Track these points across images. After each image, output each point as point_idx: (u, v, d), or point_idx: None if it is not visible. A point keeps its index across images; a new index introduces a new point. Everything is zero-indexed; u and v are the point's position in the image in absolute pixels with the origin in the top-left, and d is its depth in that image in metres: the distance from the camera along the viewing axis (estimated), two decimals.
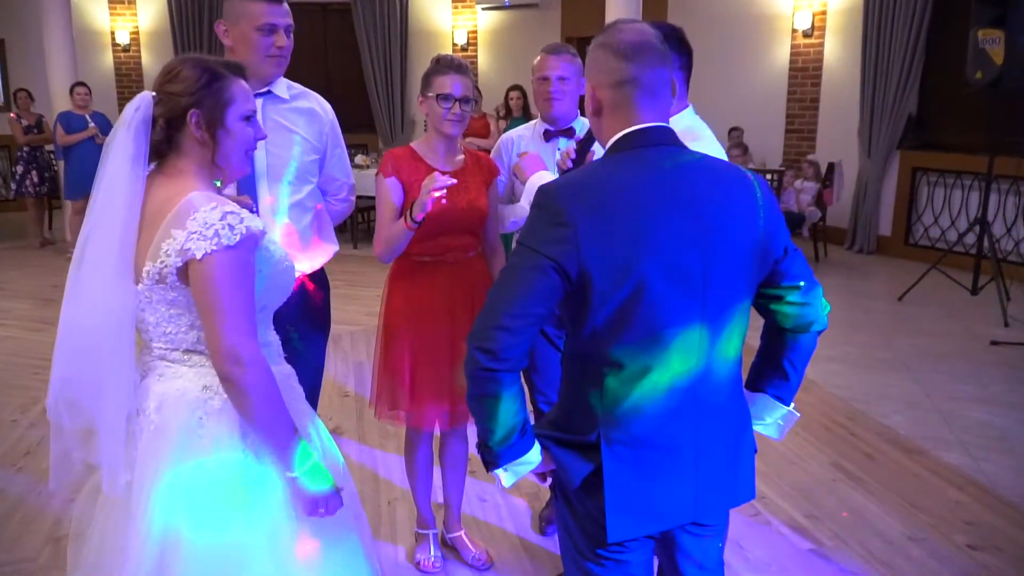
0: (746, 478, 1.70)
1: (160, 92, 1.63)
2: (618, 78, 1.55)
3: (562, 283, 1.48)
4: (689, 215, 1.50)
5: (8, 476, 3.62)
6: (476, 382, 1.51)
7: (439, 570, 2.89)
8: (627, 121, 1.56)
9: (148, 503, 1.59)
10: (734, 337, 1.61)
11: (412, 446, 2.84)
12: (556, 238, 1.46)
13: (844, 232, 8.57)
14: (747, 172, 1.62)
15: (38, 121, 8.80)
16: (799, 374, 1.77)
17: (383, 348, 2.70)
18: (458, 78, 2.52)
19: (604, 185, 1.51)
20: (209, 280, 1.54)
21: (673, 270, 1.49)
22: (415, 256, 2.62)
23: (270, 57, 2.32)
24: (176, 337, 1.67)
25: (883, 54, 7.96)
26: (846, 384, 4.73)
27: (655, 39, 1.56)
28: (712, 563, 1.76)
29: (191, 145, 1.65)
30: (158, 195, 1.63)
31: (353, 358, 5.20)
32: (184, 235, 1.54)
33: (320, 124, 2.51)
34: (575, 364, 1.61)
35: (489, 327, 1.48)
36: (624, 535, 1.58)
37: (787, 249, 1.63)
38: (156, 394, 1.67)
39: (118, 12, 10.93)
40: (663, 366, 1.53)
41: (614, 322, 1.50)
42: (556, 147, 2.83)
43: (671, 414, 1.56)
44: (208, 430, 1.63)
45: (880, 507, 3.35)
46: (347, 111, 12.17)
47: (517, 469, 1.60)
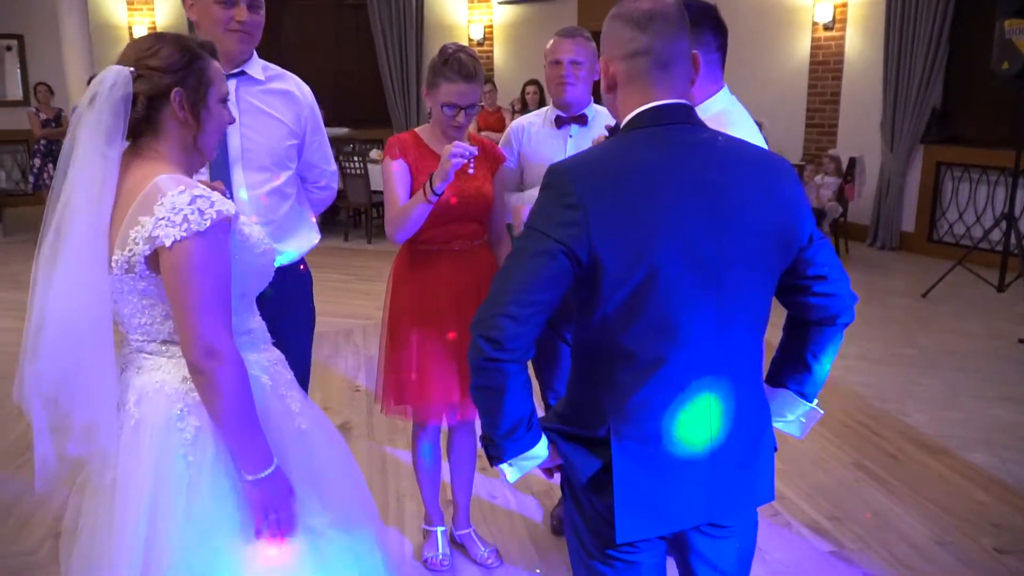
0: (765, 478, 1.61)
1: (140, 68, 1.53)
2: (631, 49, 1.46)
3: (572, 268, 1.38)
4: (706, 197, 1.41)
5: (10, 471, 3.59)
6: (480, 372, 1.43)
7: (447, 568, 2.82)
8: (642, 96, 1.47)
9: (131, 498, 1.53)
10: (753, 328, 1.51)
11: (418, 440, 2.77)
12: (566, 220, 1.37)
13: (866, 228, 8.43)
14: (772, 154, 1.53)
15: (57, 115, 8.84)
16: (823, 369, 1.66)
17: (388, 341, 2.63)
18: (466, 87, 2.42)
19: (617, 165, 1.41)
20: (179, 268, 1.46)
21: (688, 255, 1.39)
22: (420, 245, 2.54)
23: (230, 31, 2.18)
24: (151, 328, 1.59)
25: (906, 46, 7.81)
26: (868, 382, 4.61)
27: (673, 8, 1.46)
28: (728, 565, 1.66)
29: (170, 125, 1.57)
30: (130, 178, 1.54)
31: (365, 353, 5.15)
32: (152, 221, 1.46)
33: (298, 107, 2.37)
34: (584, 355, 1.52)
35: (494, 315, 1.39)
36: (634, 535, 1.49)
37: (812, 237, 1.53)
38: (136, 388, 1.60)
39: (135, 7, 10.95)
40: (676, 357, 1.44)
41: (625, 310, 1.41)
42: (568, 134, 2.74)
43: (685, 408, 1.47)
44: (190, 422, 1.56)
45: (904, 509, 3.24)
46: (362, 106, 12.31)
47: (523, 464, 1.51)
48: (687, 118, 1.48)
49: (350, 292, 6.42)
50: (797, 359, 1.66)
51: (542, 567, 2.86)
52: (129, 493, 1.54)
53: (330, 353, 5.12)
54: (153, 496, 1.53)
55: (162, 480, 1.53)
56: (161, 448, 1.54)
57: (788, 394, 1.68)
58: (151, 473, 1.53)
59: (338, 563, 1.67)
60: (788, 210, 1.48)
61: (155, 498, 1.52)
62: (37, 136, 8.76)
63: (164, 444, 1.54)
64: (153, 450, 1.54)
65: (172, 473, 1.53)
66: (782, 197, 1.48)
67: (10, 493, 3.38)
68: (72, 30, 8.82)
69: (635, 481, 1.47)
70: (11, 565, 2.88)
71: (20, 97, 10.97)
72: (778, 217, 1.47)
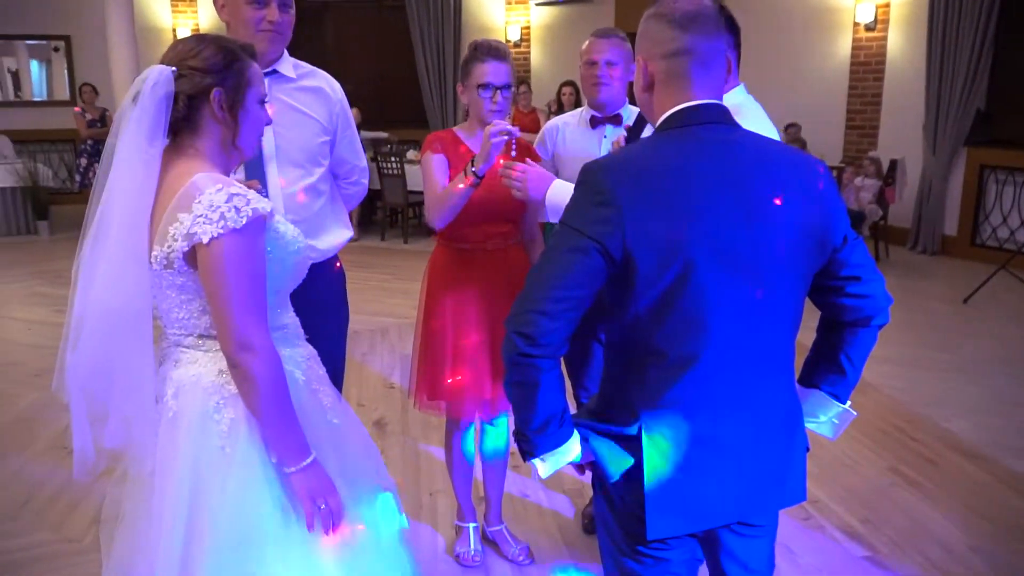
0: (797, 478, 1.60)
1: (182, 68, 1.57)
2: (672, 48, 1.47)
3: (605, 265, 1.40)
4: (739, 197, 1.41)
5: (59, 458, 3.68)
6: (514, 368, 1.45)
7: (479, 564, 2.85)
8: (679, 96, 1.48)
9: (170, 488, 1.57)
10: (785, 327, 1.51)
11: (451, 437, 2.80)
12: (600, 218, 1.39)
13: (906, 232, 8.31)
14: (806, 154, 1.53)
15: (102, 115, 9.03)
16: (857, 371, 1.65)
17: (422, 337, 2.67)
18: (497, 64, 2.46)
19: (651, 164, 1.43)
20: (216, 265, 1.49)
21: (721, 254, 1.40)
22: (455, 243, 2.58)
23: (262, 32, 2.21)
24: (188, 323, 1.63)
25: (949, 47, 7.68)
26: (906, 387, 4.55)
27: (712, 9, 1.48)
28: (759, 564, 1.67)
29: (209, 125, 1.61)
30: (170, 175, 1.58)
31: (400, 351, 5.19)
32: (190, 219, 1.49)
33: (330, 104, 2.40)
34: (616, 352, 1.54)
35: (528, 311, 1.41)
36: (664, 532, 1.50)
37: (847, 238, 1.52)
38: (173, 381, 1.64)
39: (179, 10, 11.14)
40: (707, 355, 1.44)
41: (658, 308, 1.42)
42: (602, 134, 2.76)
43: (716, 407, 1.48)
44: (225, 414, 1.60)
45: (940, 514, 3.20)
46: (400, 107, 12.36)
47: (555, 460, 1.52)
48: (722, 118, 1.49)
49: (386, 291, 6.48)
50: (831, 360, 1.66)
51: (573, 564, 2.87)
52: (167, 483, 1.58)
53: (366, 351, 5.18)
54: (191, 486, 1.56)
55: (199, 471, 1.57)
56: (198, 440, 1.58)
57: (821, 395, 1.68)
58: (189, 464, 1.57)
59: (365, 558, 1.70)
60: (822, 211, 1.48)
61: (193, 488, 1.56)
62: (83, 136, 8.96)
63: (201, 436, 1.58)
64: (190, 441, 1.58)
65: (208, 464, 1.57)
66: (817, 198, 1.48)
67: (56, 481, 3.47)
68: (118, 32, 8.99)
69: (666, 478, 1.47)
70: (56, 552, 2.96)
71: (67, 97, 11.22)
72: (812, 218, 1.47)
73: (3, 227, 9.31)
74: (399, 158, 8.58)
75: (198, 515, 1.56)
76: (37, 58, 11.43)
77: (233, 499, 1.56)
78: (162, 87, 1.54)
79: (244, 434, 1.59)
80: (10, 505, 3.26)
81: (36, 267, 7.73)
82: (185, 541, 1.55)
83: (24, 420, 4.13)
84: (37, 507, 3.25)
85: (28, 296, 6.67)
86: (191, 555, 1.55)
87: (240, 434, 1.59)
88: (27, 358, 5.09)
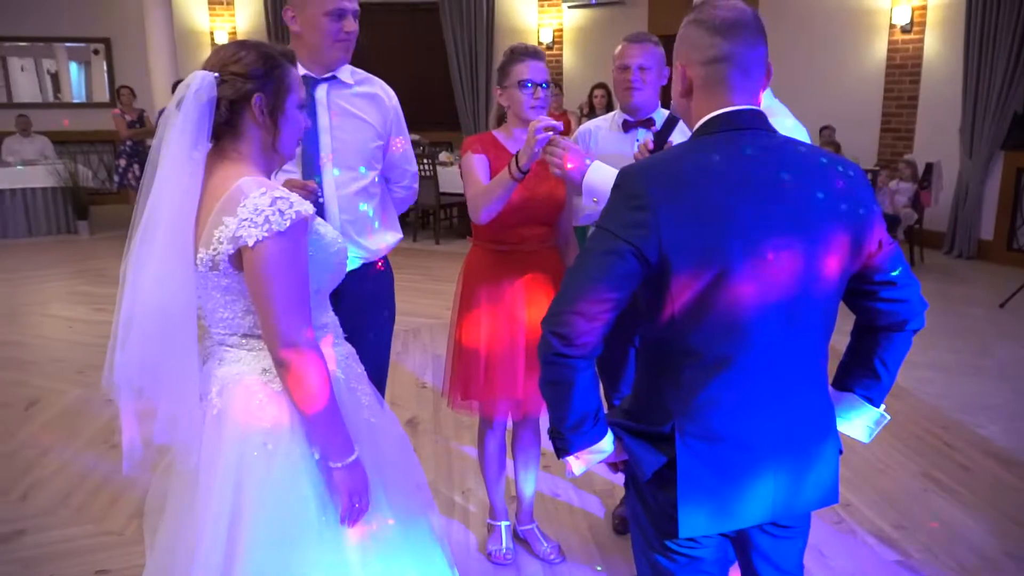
0: (829, 480, 1.61)
1: (224, 73, 1.61)
2: (711, 55, 1.48)
3: (641, 269, 1.42)
4: (777, 201, 1.43)
5: (101, 453, 3.78)
6: (549, 367, 1.48)
7: (510, 562, 2.88)
8: (717, 101, 1.49)
9: (214, 483, 1.61)
10: (820, 330, 1.53)
11: (484, 436, 2.84)
12: (635, 222, 1.41)
13: (942, 236, 8.21)
14: (842, 158, 1.55)
15: (140, 116, 9.20)
16: (891, 375, 1.66)
17: (457, 337, 2.71)
18: (535, 63, 2.51)
19: (688, 168, 1.44)
20: (261, 267, 1.54)
21: (758, 257, 1.41)
22: (491, 244, 2.62)
23: (338, 42, 2.30)
24: (232, 322, 1.67)
25: (987, 49, 7.59)
26: (940, 392, 4.51)
27: (752, 17, 1.49)
28: (790, 565, 1.68)
29: (251, 128, 1.64)
30: (214, 178, 1.62)
31: (432, 351, 5.25)
32: (235, 222, 1.53)
33: (384, 110, 2.48)
34: (650, 353, 1.56)
35: (564, 311, 1.44)
36: (696, 531, 1.52)
37: (882, 243, 1.53)
38: (217, 378, 1.69)
39: (217, 13, 11.31)
40: (742, 357, 1.46)
41: (693, 310, 1.44)
42: (635, 138, 2.78)
43: (750, 408, 1.49)
44: (269, 412, 1.64)
45: (974, 520, 3.18)
46: (432, 109, 12.42)
47: (589, 457, 1.55)
48: (760, 123, 1.50)
49: (418, 291, 6.53)
50: (865, 365, 1.66)
51: (603, 565, 2.90)
52: (211, 478, 1.62)
53: (399, 350, 5.23)
54: (235, 481, 1.61)
55: (243, 466, 1.61)
56: (241, 436, 1.62)
57: (855, 398, 1.69)
58: (233, 460, 1.61)
59: (397, 555, 1.74)
60: (859, 215, 1.49)
61: (237, 483, 1.61)
62: (123, 137, 9.12)
63: (244, 432, 1.63)
64: (234, 438, 1.63)
65: (252, 460, 1.61)
66: (854, 202, 1.48)
67: (99, 474, 3.57)
68: (158, 35, 9.18)
69: (699, 478, 1.49)
70: (99, 543, 3.03)
71: (106, 99, 11.44)
72: (849, 221, 1.47)
73: (44, 227, 9.53)
74: (431, 160, 8.65)
75: (241, 509, 1.60)
76: (76, 60, 11.65)
77: (275, 493, 1.61)
78: (205, 93, 1.58)
79: (286, 431, 1.64)
80: (53, 498, 3.35)
81: (77, 266, 7.90)
82: (228, 534, 1.59)
83: (68, 415, 4.23)
84: (79, 500, 3.34)
85: (69, 294, 6.82)
86: (234, 547, 1.59)
87: (282, 431, 1.63)
88: (70, 355, 5.21)
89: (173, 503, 1.76)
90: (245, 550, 1.59)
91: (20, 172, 9.35)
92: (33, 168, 9.41)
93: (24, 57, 11.43)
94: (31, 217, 9.46)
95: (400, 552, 1.75)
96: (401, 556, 1.75)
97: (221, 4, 11.28)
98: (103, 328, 5.78)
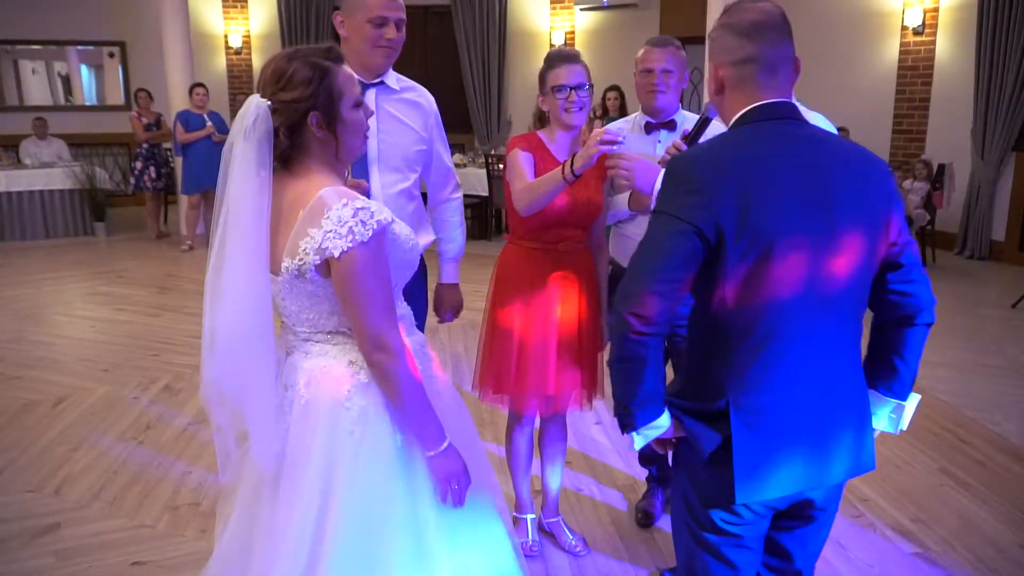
0: (867, 447, 1.71)
1: (276, 101, 1.65)
2: (740, 56, 1.60)
3: (703, 247, 1.52)
4: (815, 184, 1.53)
5: (131, 448, 3.85)
6: (626, 345, 1.56)
7: (536, 554, 2.94)
8: (749, 98, 1.61)
9: (302, 471, 1.68)
10: (855, 306, 1.63)
11: (512, 431, 2.90)
12: (694, 203, 1.51)
13: (954, 237, 8.25)
14: (871, 152, 1.64)
15: (157, 119, 9.27)
16: (911, 368, 1.75)
17: (489, 332, 2.77)
18: (570, 67, 2.56)
19: (734, 153, 1.55)
20: (349, 276, 1.61)
21: (799, 236, 1.51)
22: (526, 243, 2.68)
23: (378, 47, 2.42)
24: (318, 322, 1.75)
25: (999, 51, 7.63)
26: (955, 390, 4.56)
27: (778, 17, 1.60)
28: (815, 547, 1.79)
29: (313, 144, 1.69)
30: (288, 193, 1.68)
31: (451, 350, 5.31)
32: (320, 234, 1.60)
33: (426, 116, 2.63)
34: (702, 332, 1.65)
35: (640, 292, 1.53)
36: (752, 497, 1.60)
37: (900, 234, 1.63)
38: (305, 370, 1.75)
39: (231, 16, 11.40)
40: (785, 333, 1.56)
41: (742, 288, 1.53)
42: (657, 139, 2.84)
43: (794, 381, 1.59)
44: (355, 401, 1.71)
45: (991, 514, 3.23)
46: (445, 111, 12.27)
47: (648, 433, 1.64)
48: (792, 114, 1.61)
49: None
50: (884, 363, 1.75)
51: (628, 556, 2.96)
52: (300, 466, 1.69)
53: None
54: (325, 467, 1.68)
55: (331, 454, 1.69)
56: (330, 424, 1.70)
57: (877, 395, 1.77)
58: (322, 448, 1.69)
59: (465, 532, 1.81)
60: (885, 205, 1.59)
61: (327, 469, 1.68)
62: (140, 140, 9.20)
63: (333, 421, 1.70)
64: (323, 427, 1.70)
65: (340, 447, 1.69)
66: (882, 192, 1.59)
67: (131, 468, 3.64)
68: (173, 38, 9.23)
69: (752, 449, 1.58)
70: (134, 536, 3.10)
71: (120, 102, 11.55)
72: (877, 211, 1.58)
73: (62, 228, 9.62)
74: None
75: (331, 494, 1.67)
76: (87, 63, 11.72)
77: (363, 478, 1.68)
78: (262, 124, 1.63)
79: (373, 420, 1.71)
80: (86, 493, 3.42)
81: (96, 267, 8.00)
82: (317, 517, 1.66)
83: (96, 412, 4.31)
84: (112, 494, 3.41)
85: (91, 295, 6.91)
86: (322, 531, 1.66)
87: (369, 420, 1.71)
88: (95, 354, 5.30)
89: (246, 494, 1.82)
90: (334, 533, 1.65)
91: (38, 174, 9.44)
92: (50, 170, 9.51)
93: (35, 60, 11.52)
94: (48, 219, 9.55)
95: (467, 531, 1.82)
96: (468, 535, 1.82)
97: (235, 7, 11.39)
98: (125, 328, 5.93)
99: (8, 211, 9.38)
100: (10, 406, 4.38)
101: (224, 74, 11.53)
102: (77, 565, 2.90)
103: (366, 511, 1.68)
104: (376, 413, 1.72)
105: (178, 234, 9.39)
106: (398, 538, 1.69)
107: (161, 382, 4.77)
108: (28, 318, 6.16)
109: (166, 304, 6.56)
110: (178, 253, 8.74)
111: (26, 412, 4.31)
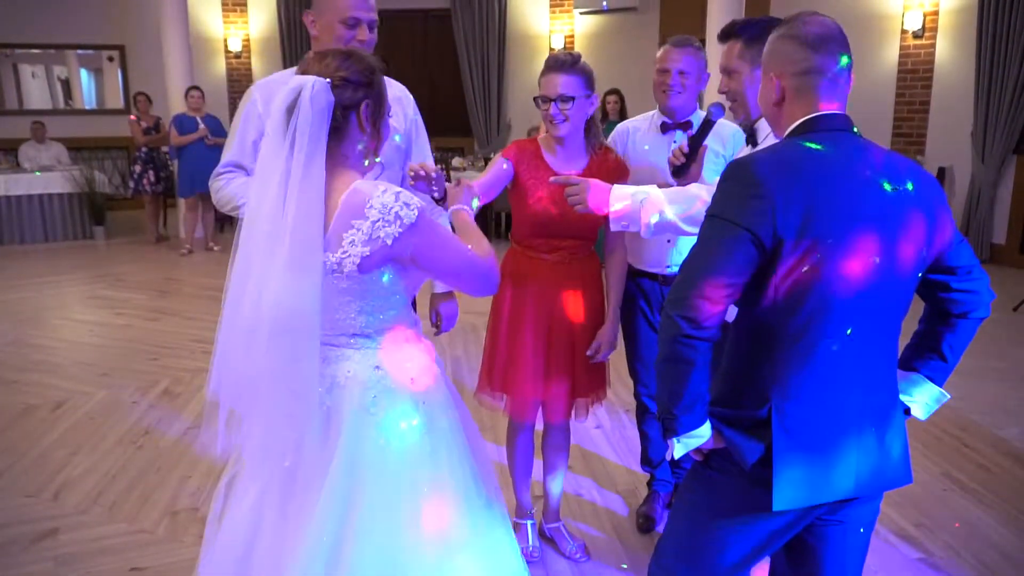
0: (904, 458, 1.71)
1: (336, 79, 1.62)
2: (803, 67, 1.63)
3: (757, 254, 1.52)
4: (872, 193, 1.55)
5: (130, 453, 3.83)
6: (675, 347, 1.56)
7: (536, 560, 2.92)
8: (809, 107, 1.63)
9: (319, 480, 1.64)
10: (897, 312, 1.64)
11: (513, 437, 2.89)
12: (754, 208, 1.51)
13: None
14: (918, 164, 1.68)
15: (156, 123, 9.25)
16: (955, 359, 1.80)
17: (492, 332, 2.76)
18: (554, 77, 2.50)
19: (793, 160, 1.56)
20: (419, 258, 1.64)
21: (853, 244, 1.53)
22: (525, 249, 2.67)
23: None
24: (344, 323, 1.70)
25: (999, 54, 7.63)
26: (958, 395, 4.50)
27: (838, 31, 1.64)
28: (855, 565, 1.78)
29: (354, 134, 1.68)
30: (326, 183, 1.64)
31: (450, 352, 5.30)
32: (368, 224, 1.58)
33: (404, 107, 2.61)
34: (747, 337, 1.64)
35: (691, 295, 1.53)
36: (790, 504, 1.59)
37: (954, 236, 1.67)
38: (327, 376, 1.71)
39: (231, 20, 11.38)
40: (835, 339, 1.56)
41: (794, 293, 1.53)
42: (672, 139, 2.83)
43: (839, 387, 1.59)
44: (381, 407, 1.69)
45: (994, 518, 3.22)
46: (444, 114, 12.47)
47: (688, 441, 1.63)
48: (847, 126, 1.64)
49: None
50: (933, 349, 1.79)
51: (628, 562, 2.94)
52: (322, 474, 1.64)
53: None
54: (347, 479, 1.64)
55: (357, 463, 1.65)
56: (355, 432, 1.67)
57: (920, 378, 1.81)
58: (345, 456, 1.65)
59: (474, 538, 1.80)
60: (937, 211, 1.62)
61: (350, 480, 1.64)
62: (140, 143, 9.18)
63: (358, 428, 1.67)
64: (348, 434, 1.67)
65: (365, 455, 1.66)
66: (934, 199, 1.62)
67: (130, 474, 3.62)
68: (173, 42, 9.23)
69: (794, 456, 1.58)
70: (133, 542, 3.08)
71: (120, 106, 11.53)
72: (930, 217, 1.61)
73: (61, 232, 9.61)
74: (444, 165, 8.72)
75: (355, 502, 1.64)
76: (87, 67, 11.70)
77: (390, 486, 1.65)
78: (323, 97, 1.59)
79: (399, 426, 1.69)
80: (85, 498, 3.40)
81: (95, 271, 7.98)
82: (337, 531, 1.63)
83: (95, 417, 4.29)
84: (111, 499, 3.39)
85: (89, 299, 6.90)
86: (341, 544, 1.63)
87: (395, 425, 1.69)
88: (94, 358, 5.28)
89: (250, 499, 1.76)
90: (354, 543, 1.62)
91: (37, 178, 9.43)
92: (50, 174, 9.49)
93: (35, 64, 11.51)
94: (48, 222, 9.54)
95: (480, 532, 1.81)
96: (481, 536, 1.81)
97: (235, 12, 11.38)
98: (125, 332, 5.90)
99: (7, 215, 9.36)
100: (8, 410, 4.37)
101: (223, 78, 11.51)
102: (76, 571, 2.88)
103: (390, 522, 1.65)
104: (404, 419, 1.69)
105: (177, 237, 9.38)
106: (419, 550, 1.67)
107: (160, 386, 4.75)
108: (27, 322, 6.14)
109: (165, 308, 6.54)
110: (177, 257, 8.72)
111: (24, 416, 4.29)
